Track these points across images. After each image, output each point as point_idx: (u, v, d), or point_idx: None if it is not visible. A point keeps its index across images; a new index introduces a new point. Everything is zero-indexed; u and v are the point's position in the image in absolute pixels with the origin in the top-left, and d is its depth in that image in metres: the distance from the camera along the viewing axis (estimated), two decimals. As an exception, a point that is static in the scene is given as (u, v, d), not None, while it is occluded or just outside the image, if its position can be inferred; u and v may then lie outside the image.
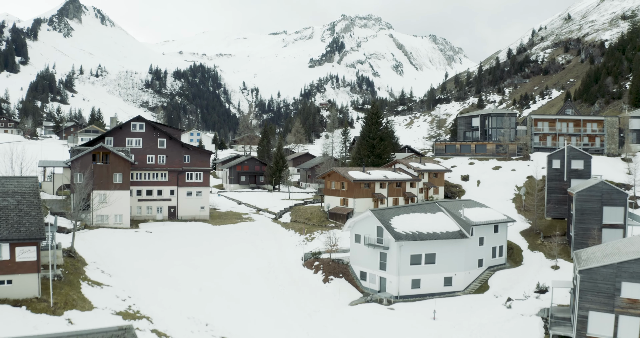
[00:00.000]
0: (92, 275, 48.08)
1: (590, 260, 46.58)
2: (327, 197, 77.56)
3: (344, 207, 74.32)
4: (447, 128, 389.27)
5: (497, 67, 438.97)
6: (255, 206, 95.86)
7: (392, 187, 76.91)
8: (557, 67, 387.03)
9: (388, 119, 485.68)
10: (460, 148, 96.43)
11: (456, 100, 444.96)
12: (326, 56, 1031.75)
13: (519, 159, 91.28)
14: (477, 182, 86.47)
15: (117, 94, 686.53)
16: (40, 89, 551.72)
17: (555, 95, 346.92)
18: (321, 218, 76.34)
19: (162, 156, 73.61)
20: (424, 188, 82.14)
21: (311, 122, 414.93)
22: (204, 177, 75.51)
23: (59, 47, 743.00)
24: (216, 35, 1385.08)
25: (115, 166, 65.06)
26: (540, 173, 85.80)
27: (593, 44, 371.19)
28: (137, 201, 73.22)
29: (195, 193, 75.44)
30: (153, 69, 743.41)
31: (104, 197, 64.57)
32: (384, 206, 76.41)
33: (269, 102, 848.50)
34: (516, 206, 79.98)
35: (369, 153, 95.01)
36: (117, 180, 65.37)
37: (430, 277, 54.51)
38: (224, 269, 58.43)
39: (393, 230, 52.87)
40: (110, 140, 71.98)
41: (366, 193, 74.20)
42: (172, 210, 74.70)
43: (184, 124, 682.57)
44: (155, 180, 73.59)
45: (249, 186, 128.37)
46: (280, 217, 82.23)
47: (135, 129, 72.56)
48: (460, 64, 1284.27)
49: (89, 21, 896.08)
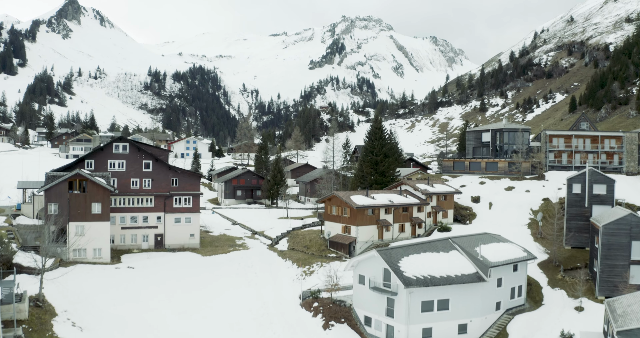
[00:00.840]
0: (61, 331, 42.06)
1: (628, 316, 40.57)
2: (328, 223, 71.53)
3: (345, 235, 68.29)
4: (449, 132, 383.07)
5: (499, 70, 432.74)
6: (250, 227, 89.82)
7: (398, 212, 70.88)
8: (561, 71, 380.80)
9: (390, 122, 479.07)
10: (469, 165, 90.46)
11: (458, 103, 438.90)
12: (326, 58, 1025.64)
13: (533, 179, 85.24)
14: (489, 204, 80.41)
15: (116, 96, 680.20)
16: (38, 92, 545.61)
17: (559, 99, 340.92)
18: (321, 246, 70.31)
19: (147, 180, 67.61)
20: (432, 212, 76.13)
21: (311, 126, 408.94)
22: (193, 202, 69.46)
23: (58, 48, 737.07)
24: (216, 36, 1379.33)
25: (93, 195, 59.05)
26: (557, 195, 79.80)
27: (597, 47, 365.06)
28: (120, 229, 67.25)
29: (184, 220, 69.43)
30: (152, 71, 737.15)
31: (82, 229, 58.59)
32: (389, 234, 70.47)
33: (269, 104, 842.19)
34: (532, 232, 73.91)
35: (372, 170, 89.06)
36: (96, 210, 59.35)
37: (443, 325, 48.49)
38: (211, 311, 52.40)
39: (402, 275, 46.83)
40: (91, 163, 65.97)
41: (370, 219, 68.18)
42: (159, 238, 68.70)
43: (183, 127, 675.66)
44: (140, 206, 67.60)
45: (245, 201, 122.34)
46: (277, 243, 76.19)
47: (118, 151, 66.58)
48: (461, 66, 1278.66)
49: (88, 22, 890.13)
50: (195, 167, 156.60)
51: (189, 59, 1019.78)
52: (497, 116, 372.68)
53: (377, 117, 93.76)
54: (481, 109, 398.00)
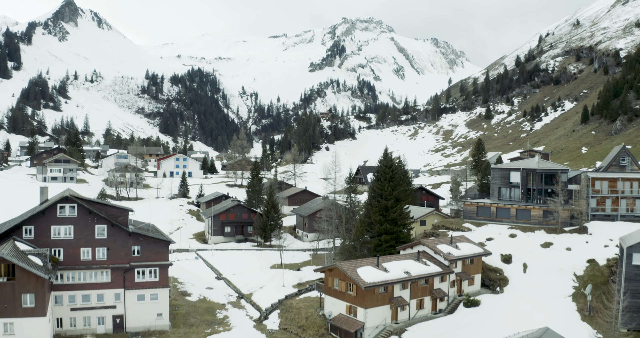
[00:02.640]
0: None
1: None
2: (328, 299, 57.76)
3: (350, 318, 54.46)
4: (454, 141, 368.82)
5: (504, 76, 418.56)
6: (236, 285, 76.02)
7: (416, 286, 57.06)
8: (569, 77, 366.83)
9: (392, 129, 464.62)
10: (496, 211, 76.60)
11: (462, 110, 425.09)
12: (327, 60, 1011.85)
13: (574, 232, 71.48)
14: (523, 266, 66.61)
15: (112, 100, 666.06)
16: (32, 96, 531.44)
17: (568, 107, 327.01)
18: (320, 328, 56.47)
19: (101, 249, 53.88)
20: (456, 281, 62.34)
21: (311, 133, 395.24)
22: (160, 275, 55.67)
23: (54, 51, 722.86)
24: (216, 38, 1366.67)
25: (24, 284, 45.43)
26: (604, 255, 66.18)
27: (607, 53, 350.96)
28: (69, 310, 53.53)
29: (149, 297, 55.60)
30: (150, 74, 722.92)
31: (11, 327, 44.91)
32: (405, 313, 56.62)
33: (269, 108, 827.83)
34: (578, 307, 60.06)
35: (382, 217, 75.24)
36: (28, 303, 45.73)
37: None
38: None
39: None
40: (30, 229, 52.29)
41: (382, 299, 54.35)
42: (118, 320, 54.92)
43: (180, 131, 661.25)
44: (93, 281, 53.89)
45: (235, 239, 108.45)
46: (267, 318, 62.30)
47: (64, 214, 52.85)
48: (462, 68, 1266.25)
49: (85, 24, 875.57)
50: (183, 191, 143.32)
51: (188, 61, 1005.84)
52: (504, 124, 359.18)
53: (385, 154, 79.84)
54: (486, 116, 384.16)
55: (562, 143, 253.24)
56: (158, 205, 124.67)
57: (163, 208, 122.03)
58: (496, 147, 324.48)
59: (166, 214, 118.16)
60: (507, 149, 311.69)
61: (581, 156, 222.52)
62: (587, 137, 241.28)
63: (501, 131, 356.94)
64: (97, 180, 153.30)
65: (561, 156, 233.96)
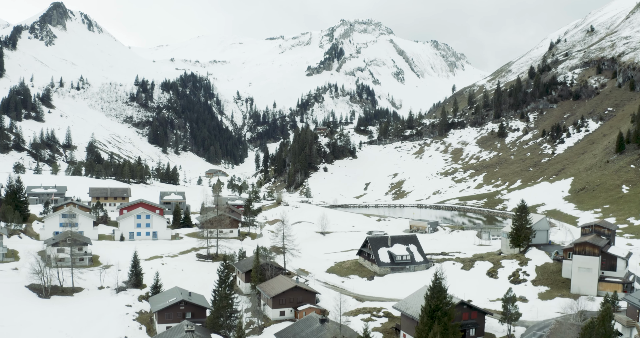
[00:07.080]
0: None
1: None
2: None
3: None
4: (465, 162, 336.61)
5: (518, 88, 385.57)
6: None
7: None
8: (590, 91, 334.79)
9: (395, 145, 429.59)
10: None
11: (472, 125, 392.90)
12: (324, 63, 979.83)
13: None
14: None
15: (99, 108, 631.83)
16: (12, 106, 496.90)
17: (593, 127, 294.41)
18: None
19: None
20: None
21: (307, 153, 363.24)
22: None
23: (40, 56, 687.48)
24: (211, 40, 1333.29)
25: None
26: None
27: (632, 66, 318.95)
28: None
29: None
30: (140, 80, 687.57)
31: None
32: None
33: (264, 114, 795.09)
34: None
35: None
36: None
37: None
38: None
39: None
40: None
41: None
42: None
43: (170, 141, 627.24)
44: None
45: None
46: None
47: None
48: (462, 71, 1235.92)
49: (75, 27, 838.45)
50: (134, 280, 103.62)
51: (182, 65, 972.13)
52: (520, 144, 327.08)
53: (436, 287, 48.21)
54: (500, 133, 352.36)
55: (596, 176, 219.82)
56: (95, 310, 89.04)
57: (101, 315, 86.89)
58: (514, 173, 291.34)
59: (103, 327, 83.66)
60: (527, 176, 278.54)
61: (623, 197, 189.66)
62: (626, 171, 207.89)
63: (518, 153, 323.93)
64: (35, 248, 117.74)
65: (598, 196, 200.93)
